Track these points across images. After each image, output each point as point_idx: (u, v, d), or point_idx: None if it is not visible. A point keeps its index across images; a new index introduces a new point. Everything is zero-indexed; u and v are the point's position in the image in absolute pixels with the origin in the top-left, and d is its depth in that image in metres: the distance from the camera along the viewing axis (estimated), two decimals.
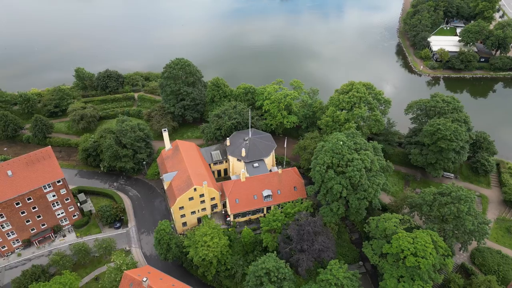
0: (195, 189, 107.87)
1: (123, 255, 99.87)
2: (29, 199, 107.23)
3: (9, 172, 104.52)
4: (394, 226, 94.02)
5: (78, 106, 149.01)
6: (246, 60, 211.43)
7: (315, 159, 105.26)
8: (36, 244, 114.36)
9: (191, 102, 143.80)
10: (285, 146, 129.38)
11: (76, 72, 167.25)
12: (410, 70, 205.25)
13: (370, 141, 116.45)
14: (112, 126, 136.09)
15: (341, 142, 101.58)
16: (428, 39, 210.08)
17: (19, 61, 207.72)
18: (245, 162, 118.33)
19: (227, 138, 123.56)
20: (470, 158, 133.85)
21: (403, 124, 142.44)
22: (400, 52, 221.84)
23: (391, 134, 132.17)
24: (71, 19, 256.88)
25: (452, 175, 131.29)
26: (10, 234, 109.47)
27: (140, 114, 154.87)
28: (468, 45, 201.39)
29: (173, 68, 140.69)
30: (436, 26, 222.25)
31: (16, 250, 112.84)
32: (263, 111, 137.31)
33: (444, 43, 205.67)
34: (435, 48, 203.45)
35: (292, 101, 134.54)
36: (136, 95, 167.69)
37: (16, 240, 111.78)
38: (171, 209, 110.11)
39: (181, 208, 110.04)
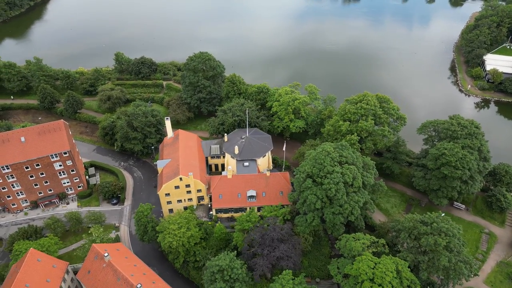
0: (180, 179, 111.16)
1: (101, 229, 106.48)
2: (37, 165, 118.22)
3: (22, 139, 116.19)
4: (361, 247, 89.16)
5: (107, 88, 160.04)
6: (296, 61, 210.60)
7: (298, 167, 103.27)
8: (42, 207, 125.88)
9: (207, 95, 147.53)
10: (283, 149, 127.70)
11: (116, 56, 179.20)
12: (458, 88, 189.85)
13: (380, 156, 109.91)
14: (130, 109, 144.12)
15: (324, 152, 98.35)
16: (484, 57, 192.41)
17: (78, 41, 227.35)
18: (236, 160, 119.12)
19: (225, 134, 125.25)
20: (487, 190, 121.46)
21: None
22: (452, 68, 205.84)
23: (399, 152, 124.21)
24: (142, 10, 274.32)
25: (463, 206, 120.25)
26: (20, 194, 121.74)
27: (163, 101, 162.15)
28: None
29: (194, 60, 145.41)
30: (497, 44, 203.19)
31: (24, 210, 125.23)
32: (271, 112, 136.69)
33: (500, 63, 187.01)
34: (489, 67, 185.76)
35: (302, 105, 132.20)
36: (164, 83, 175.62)
37: (25, 200, 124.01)
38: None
39: (167, 195, 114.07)
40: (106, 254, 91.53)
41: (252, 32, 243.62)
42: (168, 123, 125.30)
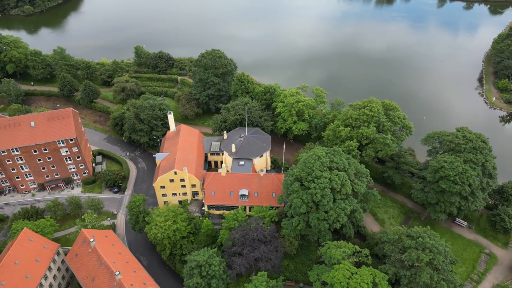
0: (175, 173, 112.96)
1: (94, 215, 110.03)
2: (45, 149, 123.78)
3: (32, 123, 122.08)
4: (341, 256, 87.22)
5: (123, 79, 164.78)
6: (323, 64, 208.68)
7: (289, 169, 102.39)
8: (48, 189, 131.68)
9: (216, 92, 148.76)
10: (283, 151, 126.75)
11: (136, 49, 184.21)
12: (483, 100, 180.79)
13: (383, 165, 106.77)
14: (139, 101, 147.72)
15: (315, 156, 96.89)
16: None
17: (107, 34, 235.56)
18: (232, 158, 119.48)
19: (224, 132, 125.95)
20: (493, 209, 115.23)
21: None
22: (480, 79, 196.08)
23: (402, 162, 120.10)
24: (173, 5, 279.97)
25: (465, 223, 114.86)
26: (28, 176, 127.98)
27: (174, 96, 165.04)
28: None
29: (205, 57, 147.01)
30: None
31: (32, 191, 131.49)
32: (275, 113, 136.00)
33: None
34: None
35: (305, 108, 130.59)
36: (179, 78, 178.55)
37: (33, 182, 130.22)
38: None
39: (162, 187, 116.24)
40: (91, 240, 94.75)
41: (281, 32, 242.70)
42: (171, 117, 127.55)
